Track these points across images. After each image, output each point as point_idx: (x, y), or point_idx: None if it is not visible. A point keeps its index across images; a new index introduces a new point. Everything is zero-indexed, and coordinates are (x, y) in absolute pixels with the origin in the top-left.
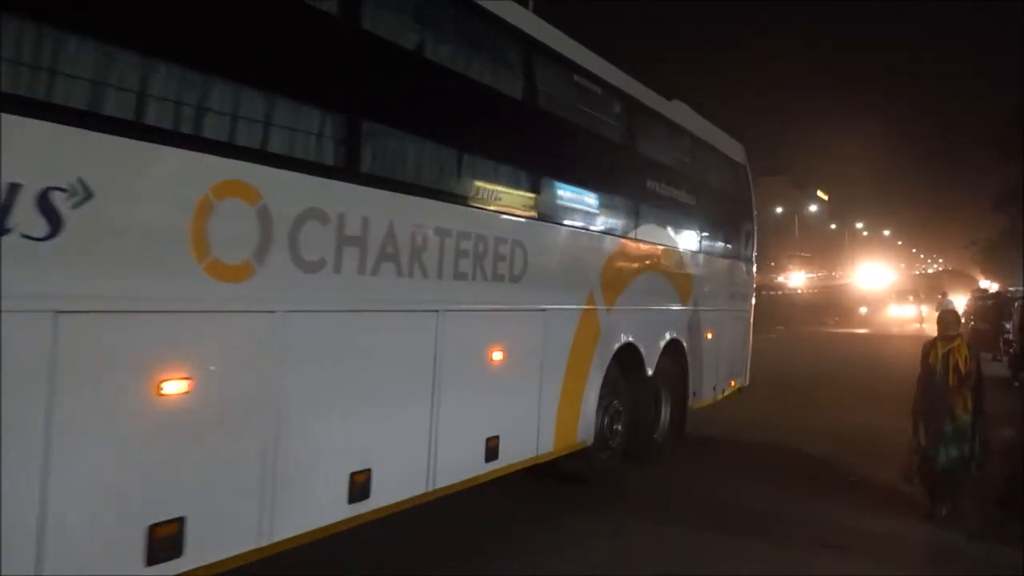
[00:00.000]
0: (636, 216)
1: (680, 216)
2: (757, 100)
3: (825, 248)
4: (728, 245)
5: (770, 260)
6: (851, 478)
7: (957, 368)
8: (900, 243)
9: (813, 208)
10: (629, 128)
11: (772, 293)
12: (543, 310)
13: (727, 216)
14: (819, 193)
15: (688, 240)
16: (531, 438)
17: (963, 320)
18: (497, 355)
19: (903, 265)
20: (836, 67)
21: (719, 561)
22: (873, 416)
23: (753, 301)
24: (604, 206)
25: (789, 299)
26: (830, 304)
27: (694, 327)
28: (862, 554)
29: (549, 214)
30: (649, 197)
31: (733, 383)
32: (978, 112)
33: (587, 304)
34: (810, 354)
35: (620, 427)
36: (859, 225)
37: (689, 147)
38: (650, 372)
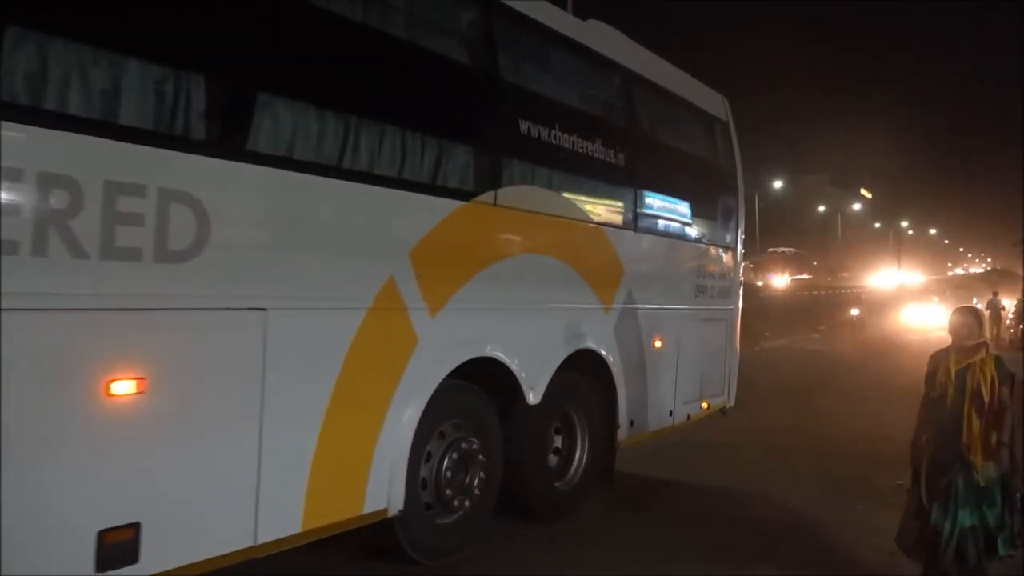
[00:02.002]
0: (498, 170)
1: (597, 179)
2: (797, 97)
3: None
4: (695, 224)
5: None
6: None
7: (978, 394)
8: (947, 242)
9: (856, 207)
10: (480, 38)
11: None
12: (261, 310)
13: (693, 185)
14: (863, 191)
15: (614, 214)
16: (233, 520)
17: (1010, 322)
18: (124, 387)
19: (949, 264)
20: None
21: None
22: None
23: (740, 298)
24: (420, 148)
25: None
26: (818, 308)
27: (628, 333)
28: None
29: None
30: (527, 145)
31: (706, 404)
32: None
33: (382, 300)
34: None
35: (478, 479)
36: (904, 224)
37: (611, 82)
38: (533, 398)
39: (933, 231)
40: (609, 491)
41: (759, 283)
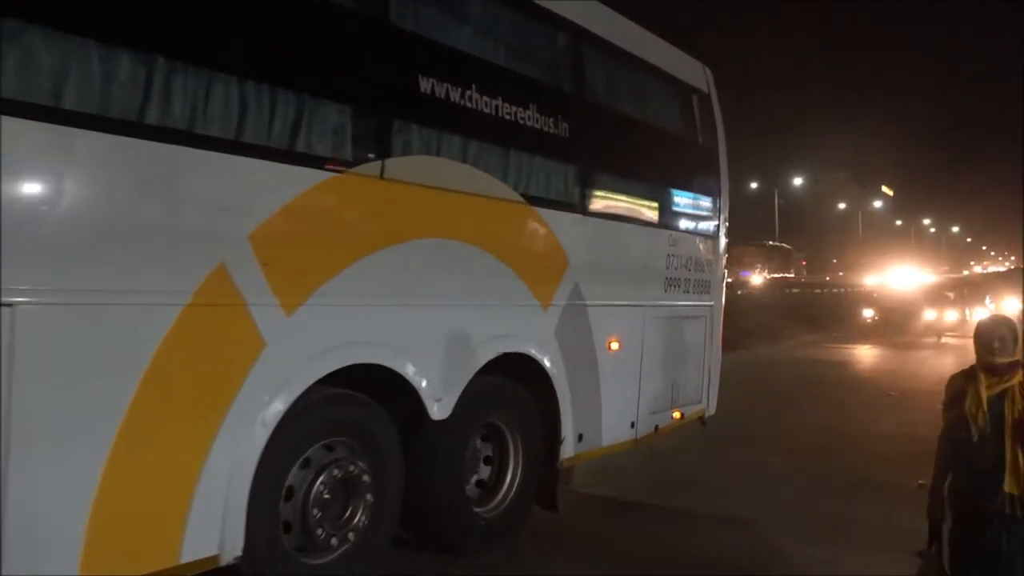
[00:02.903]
0: (386, 135)
1: (531, 152)
2: (820, 94)
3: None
4: (664, 209)
5: (832, 257)
6: None
7: (1021, 427)
8: (969, 240)
9: (877, 204)
10: None
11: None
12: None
13: (663, 164)
14: (884, 189)
15: (555, 194)
16: None
17: None
18: None
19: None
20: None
21: None
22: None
23: (723, 294)
24: (267, 102)
25: (754, 303)
26: (827, 309)
27: (574, 334)
28: None
29: None
30: (430, 107)
31: (679, 414)
32: None
33: (207, 293)
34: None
35: (363, 507)
36: (926, 221)
37: (553, 40)
38: (439, 412)
39: (956, 229)
40: (553, 517)
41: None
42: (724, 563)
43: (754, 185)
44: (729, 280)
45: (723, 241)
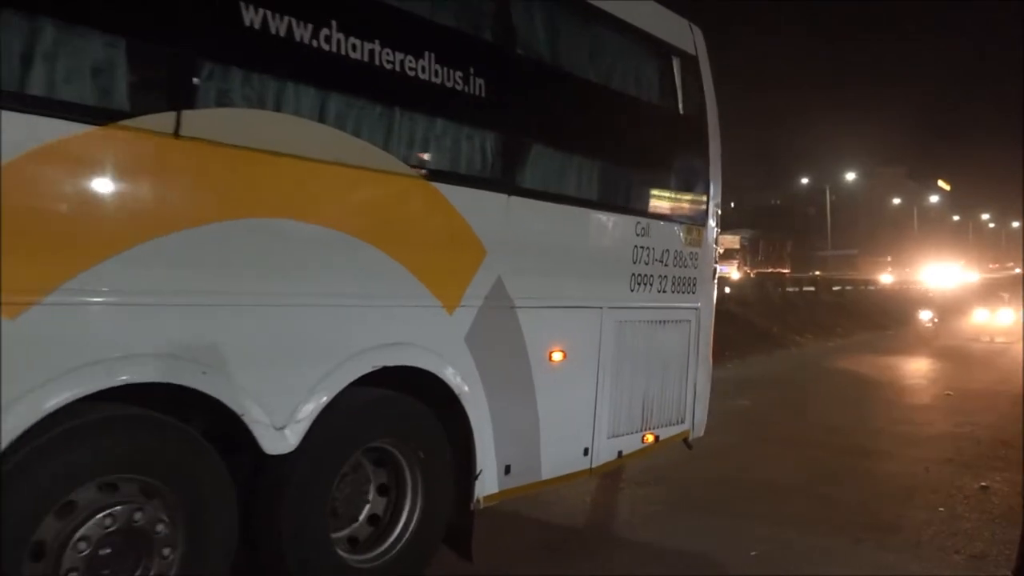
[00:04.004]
0: (184, 79)
1: (425, 113)
2: (874, 88)
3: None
4: (631, 191)
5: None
6: None
7: None
8: None
9: (934, 199)
10: None
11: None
12: None
13: (629, 136)
14: (940, 183)
15: (464, 167)
16: None
17: None
18: None
19: None
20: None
21: None
22: None
23: (713, 294)
24: None
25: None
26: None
27: (496, 342)
28: None
29: None
30: (257, 44)
31: (652, 436)
32: None
33: None
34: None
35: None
36: (985, 216)
37: None
38: (277, 444)
39: (1016, 224)
40: (467, 566)
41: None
42: (777, 565)
43: (805, 181)
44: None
45: (713, 230)
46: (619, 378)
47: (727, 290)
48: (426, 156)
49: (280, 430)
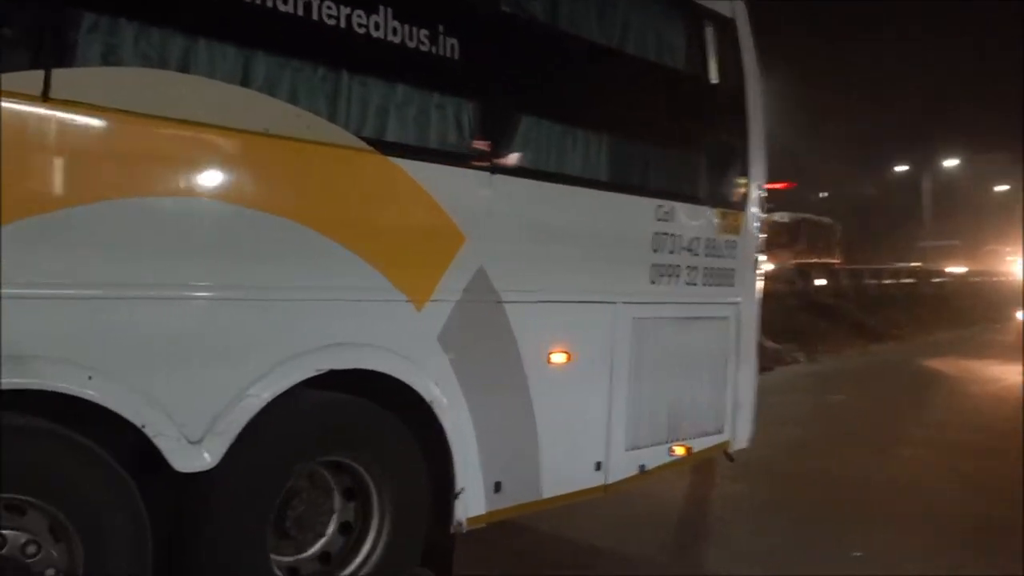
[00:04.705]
0: (56, 28)
1: (380, 75)
2: (975, 74)
3: None
4: (646, 167)
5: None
6: None
7: None
8: None
9: None
10: None
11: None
12: None
13: (644, 105)
14: None
15: (432, 138)
16: None
17: None
18: None
19: None
20: None
21: None
22: None
23: (756, 286)
24: None
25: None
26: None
27: (476, 341)
28: None
29: None
30: None
31: (683, 449)
32: None
33: None
34: None
35: None
36: None
37: None
38: (191, 460)
39: None
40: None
41: None
42: (883, 566)
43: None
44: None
45: (755, 214)
46: (638, 383)
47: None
48: (382, 127)
49: (195, 444)
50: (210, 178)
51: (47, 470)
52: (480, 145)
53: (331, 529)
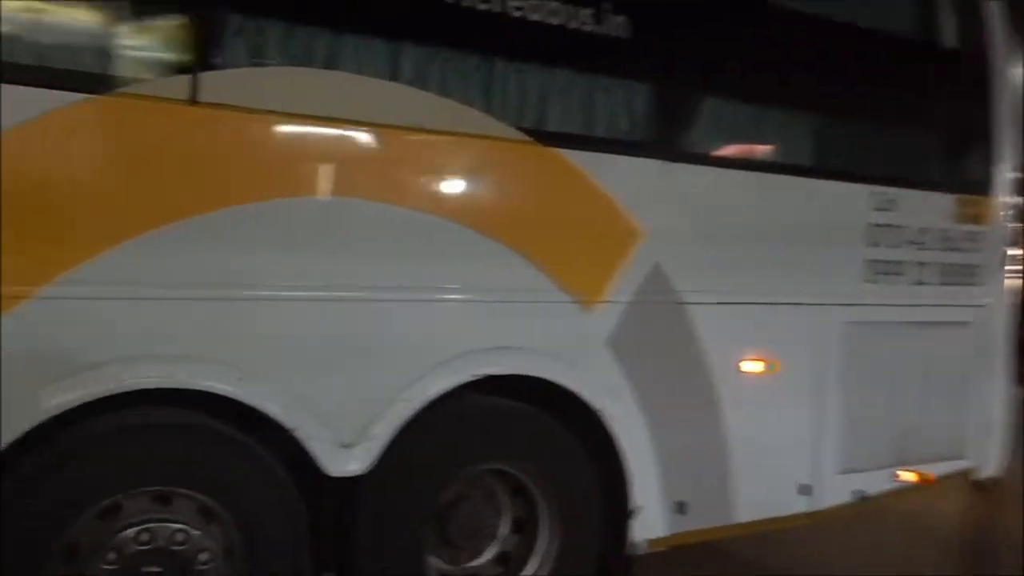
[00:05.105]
0: (204, 32)
1: (542, 60)
2: None
3: None
4: (859, 150)
5: None
6: None
7: None
8: None
9: None
10: None
11: None
12: None
13: (858, 77)
14: None
15: (599, 125)
16: None
17: None
18: None
19: None
20: None
21: None
22: None
23: (1011, 286)
24: None
25: None
26: None
27: (654, 346)
28: None
29: None
30: None
31: (912, 475)
32: None
33: None
34: None
35: None
36: None
37: None
38: (341, 464)
39: None
40: None
41: None
42: None
43: None
44: None
45: (1004, 200)
46: (852, 397)
47: None
48: (543, 116)
49: (347, 448)
50: (357, 176)
51: (203, 465)
52: (656, 130)
53: (494, 546)
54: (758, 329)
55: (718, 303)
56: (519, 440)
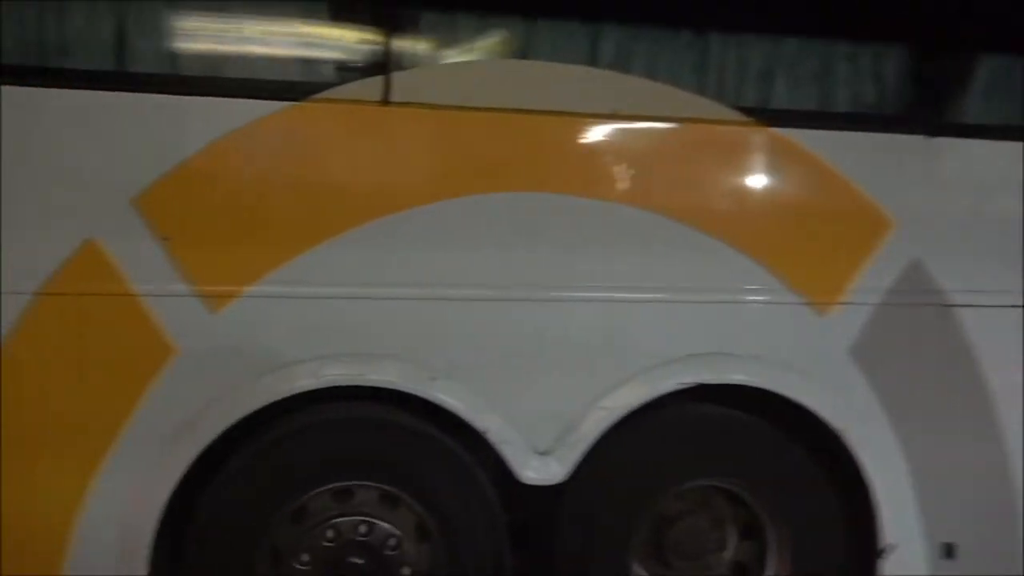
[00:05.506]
0: (393, 29)
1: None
2: None
3: None
4: None
5: None
6: None
7: None
8: None
9: None
10: None
11: None
12: None
13: None
14: None
15: (838, 97)
16: None
17: None
18: None
19: None
20: None
21: None
22: None
23: None
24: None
25: None
26: None
27: (913, 355)
28: None
29: None
30: None
31: None
32: None
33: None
34: None
35: None
36: None
37: None
38: (537, 472)
39: None
40: None
41: None
42: None
43: None
44: None
45: None
46: None
47: None
48: (767, 93)
49: (543, 455)
50: (556, 170)
51: (415, 466)
52: (912, 101)
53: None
54: None
55: (997, 306)
56: (739, 457)
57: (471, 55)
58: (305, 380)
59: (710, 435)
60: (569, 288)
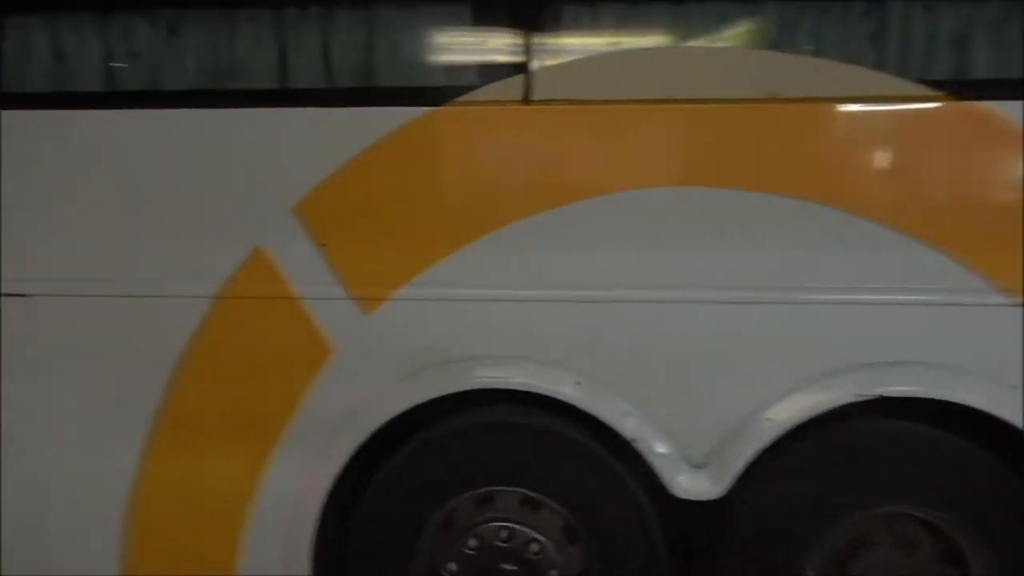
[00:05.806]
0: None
1: None
2: None
3: None
4: None
5: None
6: None
7: None
8: None
9: None
10: None
11: None
12: None
13: None
14: None
15: None
16: None
17: None
18: None
19: None
20: None
21: None
22: None
23: None
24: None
25: None
26: None
27: None
28: None
29: None
30: None
31: None
32: None
33: (244, 284)
34: None
35: None
36: None
37: None
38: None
39: None
40: None
41: None
42: None
43: None
44: None
45: None
46: None
47: None
48: (961, 60)
49: (698, 468)
50: (715, 162)
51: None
52: None
53: None
54: None
55: None
56: (933, 481)
57: (614, 46)
58: (451, 382)
59: (903, 456)
60: (728, 289)
